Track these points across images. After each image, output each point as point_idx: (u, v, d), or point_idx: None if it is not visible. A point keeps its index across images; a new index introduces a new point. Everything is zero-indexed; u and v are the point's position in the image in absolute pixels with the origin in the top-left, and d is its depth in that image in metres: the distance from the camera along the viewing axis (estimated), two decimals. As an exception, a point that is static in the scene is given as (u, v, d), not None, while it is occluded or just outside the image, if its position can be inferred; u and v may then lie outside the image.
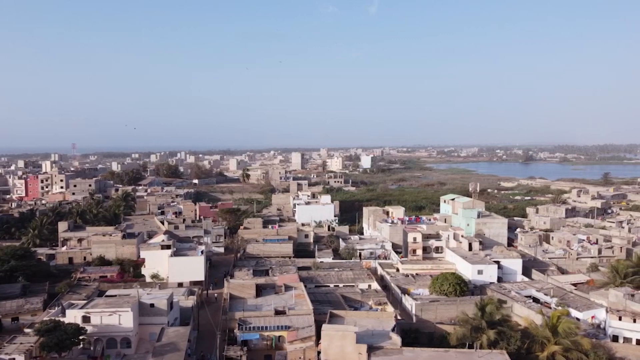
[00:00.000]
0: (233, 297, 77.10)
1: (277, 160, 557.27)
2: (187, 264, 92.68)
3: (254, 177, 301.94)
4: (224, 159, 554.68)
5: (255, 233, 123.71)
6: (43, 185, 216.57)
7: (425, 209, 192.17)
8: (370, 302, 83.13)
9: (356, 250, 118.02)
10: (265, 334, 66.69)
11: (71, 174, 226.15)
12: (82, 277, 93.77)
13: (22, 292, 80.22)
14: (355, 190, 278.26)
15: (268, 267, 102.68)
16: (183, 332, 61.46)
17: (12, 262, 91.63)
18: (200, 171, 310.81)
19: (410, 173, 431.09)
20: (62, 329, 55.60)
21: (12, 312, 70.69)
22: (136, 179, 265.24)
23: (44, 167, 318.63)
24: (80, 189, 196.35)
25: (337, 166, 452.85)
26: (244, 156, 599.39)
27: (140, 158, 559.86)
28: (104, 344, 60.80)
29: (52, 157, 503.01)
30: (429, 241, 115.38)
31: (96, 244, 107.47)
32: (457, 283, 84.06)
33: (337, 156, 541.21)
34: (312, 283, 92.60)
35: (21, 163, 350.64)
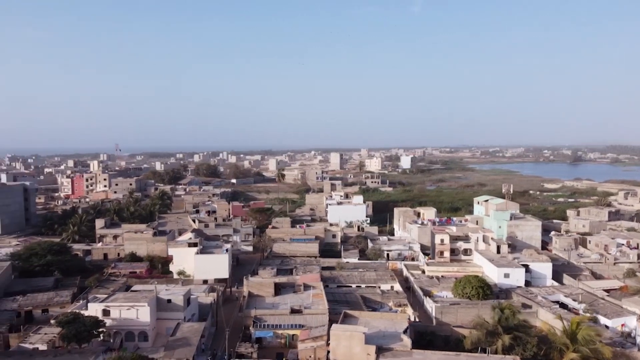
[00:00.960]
0: (252, 295, 78.25)
1: (316, 160, 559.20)
2: (212, 262, 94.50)
3: (291, 177, 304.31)
4: (264, 159, 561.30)
5: (282, 232, 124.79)
6: (88, 184, 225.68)
7: (461, 210, 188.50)
8: (390, 304, 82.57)
9: (383, 251, 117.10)
10: (279, 332, 67.52)
11: (114, 174, 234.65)
12: (112, 273, 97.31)
13: (55, 285, 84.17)
14: (391, 190, 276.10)
15: (292, 266, 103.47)
16: (197, 327, 62.90)
17: (49, 257, 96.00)
18: (239, 171, 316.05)
19: (451, 174, 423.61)
20: (81, 321, 58.00)
21: (43, 304, 74.15)
22: (176, 178, 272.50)
23: (92, 167, 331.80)
24: (122, 187, 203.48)
25: (376, 166, 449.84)
26: (284, 156, 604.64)
27: (184, 158, 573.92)
28: (123, 337, 63.00)
29: (101, 157, 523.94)
30: (457, 243, 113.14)
31: (128, 241, 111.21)
32: (480, 286, 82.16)
33: (377, 156, 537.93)
34: (335, 283, 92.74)
35: (71, 163, 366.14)
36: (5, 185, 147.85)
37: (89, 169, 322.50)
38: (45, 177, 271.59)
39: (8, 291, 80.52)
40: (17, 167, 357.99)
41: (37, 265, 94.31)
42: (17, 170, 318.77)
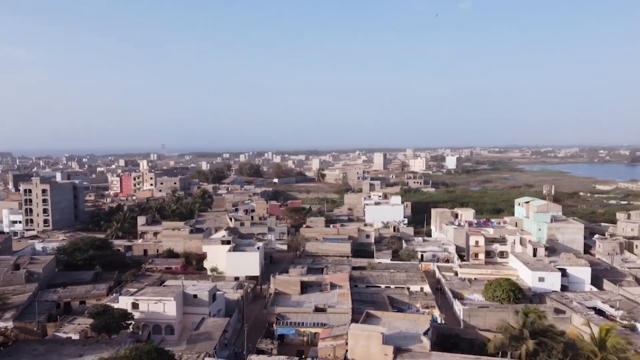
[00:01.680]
0: (278, 293, 79.40)
1: (360, 160, 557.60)
2: (243, 259, 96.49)
3: (332, 177, 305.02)
4: (308, 159, 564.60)
5: (316, 232, 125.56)
6: (135, 182, 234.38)
7: (504, 212, 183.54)
8: (418, 305, 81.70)
9: (416, 252, 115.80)
10: (301, 330, 68.24)
11: (160, 173, 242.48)
12: (149, 268, 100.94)
13: (94, 278, 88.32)
14: (434, 191, 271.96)
15: (323, 265, 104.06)
16: (221, 323, 64.51)
17: (91, 252, 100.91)
18: (281, 171, 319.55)
19: (498, 174, 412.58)
20: (110, 313, 60.69)
21: (80, 296, 77.92)
22: (220, 177, 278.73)
23: (141, 166, 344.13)
24: (166, 186, 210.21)
25: (420, 167, 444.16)
26: (328, 156, 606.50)
27: (230, 158, 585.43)
28: (150, 330, 65.40)
29: (151, 156, 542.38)
30: (492, 245, 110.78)
31: (166, 238, 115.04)
32: (511, 289, 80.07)
33: (422, 157, 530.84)
34: (364, 283, 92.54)
35: (122, 162, 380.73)
36: (57, 184, 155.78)
37: (138, 168, 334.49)
38: (97, 176, 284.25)
39: (51, 283, 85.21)
40: (72, 166, 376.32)
41: (79, 260, 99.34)
42: (72, 169, 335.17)
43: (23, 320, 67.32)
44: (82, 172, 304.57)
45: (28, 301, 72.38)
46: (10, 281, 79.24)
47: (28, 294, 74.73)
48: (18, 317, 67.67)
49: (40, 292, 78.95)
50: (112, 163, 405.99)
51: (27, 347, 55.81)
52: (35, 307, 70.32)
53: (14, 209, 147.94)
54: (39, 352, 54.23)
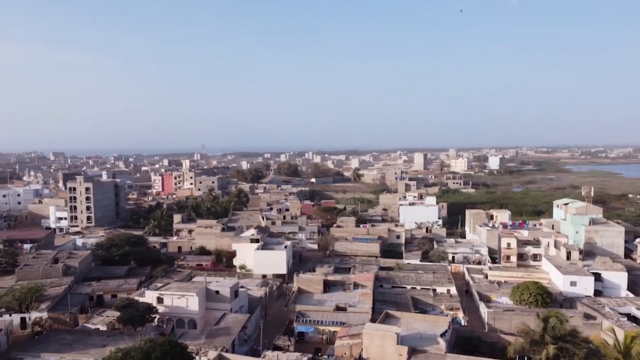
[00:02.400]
0: (301, 291, 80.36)
1: (400, 160, 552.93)
2: (270, 258, 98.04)
3: (370, 177, 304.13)
4: (348, 159, 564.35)
5: (346, 232, 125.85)
6: (176, 181, 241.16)
7: (545, 214, 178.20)
8: (443, 307, 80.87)
9: (447, 253, 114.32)
10: (320, 328, 68.89)
11: (199, 172, 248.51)
12: (181, 264, 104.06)
13: (127, 273, 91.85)
14: (473, 192, 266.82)
15: (351, 265, 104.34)
16: (241, 319, 66.02)
17: (126, 248, 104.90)
18: (318, 171, 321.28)
19: (543, 175, 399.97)
20: (135, 307, 63.18)
21: (112, 290, 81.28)
22: (258, 177, 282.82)
23: (184, 165, 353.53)
24: (204, 185, 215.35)
25: (462, 167, 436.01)
26: (368, 156, 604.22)
27: (271, 158, 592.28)
28: (174, 323, 67.56)
29: (195, 156, 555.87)
30: (525, 248, 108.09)
31: (199, 235, 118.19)
32: (539, 293, 78.07)
33: (464, 157, 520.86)
34: (390, 283, 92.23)
35: (166, 162, 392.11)
36: (99, 182, 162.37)
37: (181, 167, 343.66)
38: (141, 175, 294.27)
39: (87, 277, 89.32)
40: (119, 165, 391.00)
41: (115, 255, 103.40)
42: (119, 168, 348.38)
43: (57, 311, 71.02)
44: (128, 171, 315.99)
45: (63, 293, 76.20)
46: (48, 274, 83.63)
47: (64, 287, 78.67)
48: (53, 308, 71.42)
49: (75, 285, 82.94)
50: (157, 163, 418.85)
51: (57, 336, 58.97)
52: (69, 299, 74.07)
53: (60, 206, 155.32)
54: (67, 341, 57.21)
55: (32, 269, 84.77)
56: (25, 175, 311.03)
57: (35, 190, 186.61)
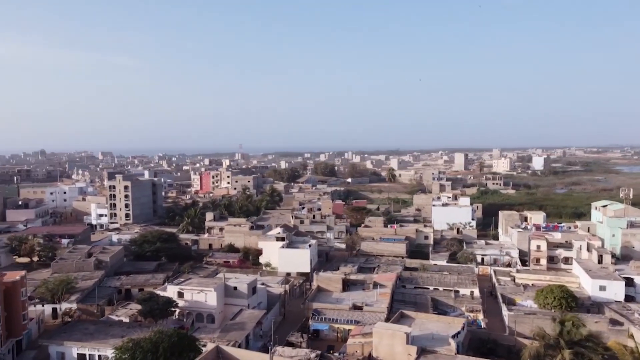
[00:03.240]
0: (321, 290, 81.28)
1: (441, 160, 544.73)
2: (294, 256, 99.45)
3: (407, 177, 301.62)
4: (388, 159, 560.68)
5: (374, 232, 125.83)
6: (214, 180, 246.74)
7: (587, 217, 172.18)
8: (463, 308, 79.97)
9: (475, 255, 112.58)
10: (335, 326, 69.57)
11: (236, 171, 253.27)
12: (209, 261, 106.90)
13: (155, 269, 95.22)
14: (513, 193, 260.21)
15: (375, 265, 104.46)
16: (256, 314, 67.53)
17: (158, 244, 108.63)
18: (355, 170, 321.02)
19: (590, 176, 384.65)
20: (155, 300, 65.76)
21: (140, 284, 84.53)
22: (294, 176, 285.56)
23: (223, 165, 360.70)
24: (240, 184, 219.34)
25: (504, 167, 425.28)
26: (408, 156, 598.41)
27: (311, 157, 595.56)
28: (194, 317, 69.87)
29: (236, 156, 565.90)
30: (556, 250, 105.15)
31: (228, 233, 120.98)
32: (564, 297, 76.02)
33: (507, 157, 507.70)
34: (412, 284, 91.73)
35: (207, 161, 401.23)
36: (138, 181, 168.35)
37: (221, 167, 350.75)
38: (181, 174, 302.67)
39: (118, 271, 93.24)
40: (163, 165, 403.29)
41: (147, 251, 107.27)
42: (162, 167, 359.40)
43: (86, 303, 74.74)
44: (169, 170, 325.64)
45: (93, 286, 79.97)
46: (81, 268, 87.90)
47: (94, 280, 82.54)
48: (82, 300, 75.23)
49: (106, 278, 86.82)
50: (199, 162, 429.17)
51: (81, 326, 62.18)
52: (99, 292, 77.74)
53: (101, 203, 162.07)
54: (89, 331, 60.25)
55: (67, 263, 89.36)
56: (74, 174, 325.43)
57: (79, 188, 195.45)
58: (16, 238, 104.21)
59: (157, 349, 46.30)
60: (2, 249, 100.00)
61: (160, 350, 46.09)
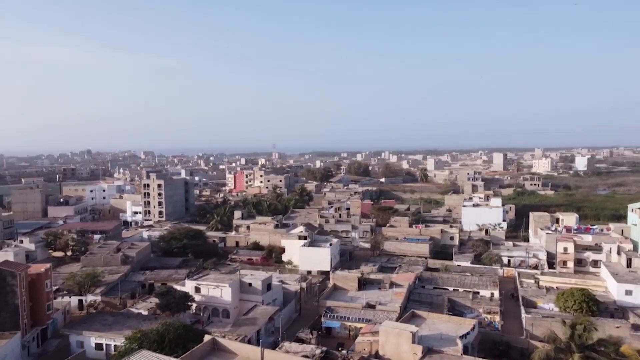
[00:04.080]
0: (337, 288, 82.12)
1: (479, 160, 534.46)
2: (314, 255, 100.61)
3: (441, 177, 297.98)
4: (425, 159, 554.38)
5: (398, 231, 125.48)
6: (247, 179, 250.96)
7: (626, 219, 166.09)
8: (481, 310, 79.17)
9: (500, 256, 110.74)
10: (347, 324, 70.25)
11: (269, 171, 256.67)
12: (232, 258, 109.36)
13: (179, 264, 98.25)
14: (552, 194, 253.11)
15: (397, 264, 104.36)
16: (269, 310, 69.02)
17: (185, 241, 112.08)
18: (389, 170, 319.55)
19: (636, 177, 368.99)
20: (172, 294, 68.17)
21: (163, 279, 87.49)
22: (328, 176, 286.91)
23: (260, 164, 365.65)
24: (272, 183, 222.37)
25: (545, 168, 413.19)
26: (446, 155, 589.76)
27: (348, 157, 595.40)
28: (210, 312, 71.98)
29: (273, 155, 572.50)
30: (584, 253, 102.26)
31: (253, 231, 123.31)
32: (585, 300, 74.11)
33: (549, 157, 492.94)
34: (432, 284, 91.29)
35: (243, 160, 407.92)
36: (171, 180, 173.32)
37: (256, 166, 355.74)
38: (217, 173, 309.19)
39: (144, 266, 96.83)
40: (201, 164, 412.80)
41: (175, 247, 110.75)
42: (199, 167, 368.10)
43: (110, 295, 78.14)
44: (206, 169, 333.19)
45: (118, 280, 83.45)
46: (109, 262, 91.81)
47: (120, 274, 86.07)
48: (106, 293, 78.74)
49: (132, 273, 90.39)
50: (236, 161, 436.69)
51: (101, 317, 65.26)
52: (123, 285, 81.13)
53: (137, 201, 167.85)
54: (108, 322, 63.17)
55: (95, 257, 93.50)
56: (115, 172, 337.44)
57: (117, 186, 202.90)
58: (52, 233, 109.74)
59: (163, 339, 48.37)
60: (39, 244, 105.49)
61: (165, 341, 48.17)
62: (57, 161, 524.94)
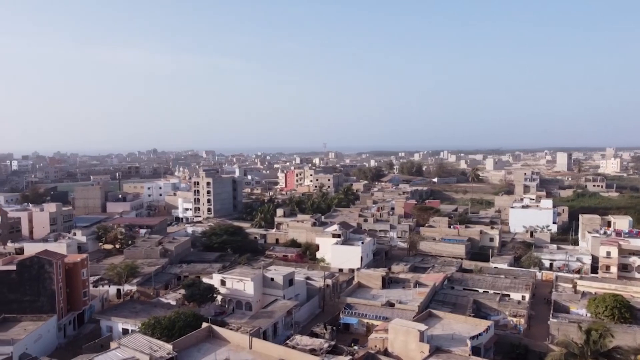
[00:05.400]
0: (361, 285, 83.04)
1: (543, 160, 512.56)
2: (345, 252, 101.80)
3: (497, 177, 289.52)
4: (485, 158, 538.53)
5: (436, 232, 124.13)
6: (297, 178, 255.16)
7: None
8: (507, 312, 77.62)
9: (540, 260, 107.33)
10: (364, 321, 71.16)
11: (319, 170, 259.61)
12: (269, 254, 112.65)
13: (215, 259, 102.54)
14: (615, 195, 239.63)
15: (430, 265, 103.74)
16: (288, 305, 71.11)
17: (224, 237, 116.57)
18: (442, 170, 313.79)
19: None
20: (197, 286, 71.86)
21: (197, 272, 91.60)
22: (379, 175, 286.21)
23: (315, 163, 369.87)
24: (320, 182, 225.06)
25: (614, 168, 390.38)
26: (507, 155, 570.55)
27: (405, 157, 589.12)
28: (234, 305, 75.16)
29: (330, 155, 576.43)
30: (629, 258, 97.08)
31: (292, 229, 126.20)
32: (616, 306, 70.95)
33: (622, 157, 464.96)
34: (461, 285, 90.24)
35: (298, 159, 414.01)
36: (220, 178, 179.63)
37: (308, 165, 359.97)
38: (271, 172, 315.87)
39: (182, 259, 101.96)
40: (257, 163, 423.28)
41: (215, 243, 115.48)
42: (255, 165, 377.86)
43: (146, 286, 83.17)
44: (260, 168, 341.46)
45: (155, 272, 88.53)
46: (149, 255, 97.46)
47: (157, 267, 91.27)
48: (142, 283, 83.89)
49: (169, 265, 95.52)
50: (291, 160, 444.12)
51: (131, 305, 69.96)
52: (160, 277, 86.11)
53: (188, 198, 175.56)
54: (136, 310, 67.66)
55: (137, 250, 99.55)
56: (176, 171, 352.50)
57: (173, 184, 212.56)
58: (102, 227, 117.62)
59: (173, 326, 51.68)
60: (90, 237, 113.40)
61: (175, 328, 51.45)
62: (125, 160, 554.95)
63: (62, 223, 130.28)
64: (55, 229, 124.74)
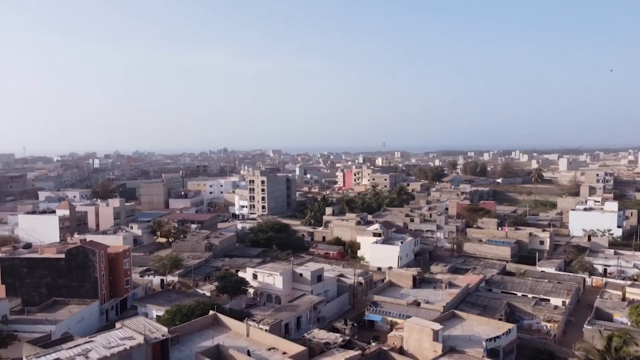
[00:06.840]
0: (392, 284, 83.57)
1: (624, 160, 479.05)
2: (384, 251, 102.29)
3: (567, 178, 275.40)
4: (560, 158, 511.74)
5: (483, 233, 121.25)
6: (356, 177, 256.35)
7: None
8: (541, 317, 75.41)
9: (592, 265, 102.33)
10: (388, 319, 71.79)
11: (376, 169, 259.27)
12: (311, 251, 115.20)
13: (258, 254, 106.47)
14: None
15: (472, 266, 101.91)
16: (314, 300, 73.23)
17: (270, 233, 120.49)
18: (507, 170, 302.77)
19: None
20: (228, 279, 75.62)
21: (237, 266, 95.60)
22: (440, 175, 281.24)
23: (377, 162, 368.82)
24: (377, 182, 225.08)
25: None
26: (584, 155, 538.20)
27: (474, 156, 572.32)
28: (265, 298, 78.29)
29: (396, 154, 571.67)
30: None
31: (336, 227, 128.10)
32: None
33: None
34: (499, 288, 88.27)
35: (361, 159, 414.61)
36: (274, 176, 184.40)
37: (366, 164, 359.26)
38: (331, 171, 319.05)
39: (227, 254, 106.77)
40: (320, 162, 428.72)
41: (261, 239, 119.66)
42: (317, 165, 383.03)
43: (187, 277, 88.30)
44: (321, 167, 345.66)
45: (197, 264, 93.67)
46: (194, 248, 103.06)
47: (201, 260, 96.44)
48: (184, 275, 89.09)
49: (213, 259, 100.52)
50: (354, 160, 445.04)
51: (167, 294, 74.96)
52: (202, 269, 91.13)
53: (244, 196, 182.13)
54: (171, 299, 72.44)
55: (184, 244, 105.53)
56: (242, 169, 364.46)
57: (233, 182, 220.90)
58: (157, 222, 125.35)
59: (192, 313, 55.32)
60: (145, 230, 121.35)
61: (193, 315, 55.09)
62: (197, 159, 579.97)
63: (125, 217, 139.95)
64: (119, 222, 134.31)
